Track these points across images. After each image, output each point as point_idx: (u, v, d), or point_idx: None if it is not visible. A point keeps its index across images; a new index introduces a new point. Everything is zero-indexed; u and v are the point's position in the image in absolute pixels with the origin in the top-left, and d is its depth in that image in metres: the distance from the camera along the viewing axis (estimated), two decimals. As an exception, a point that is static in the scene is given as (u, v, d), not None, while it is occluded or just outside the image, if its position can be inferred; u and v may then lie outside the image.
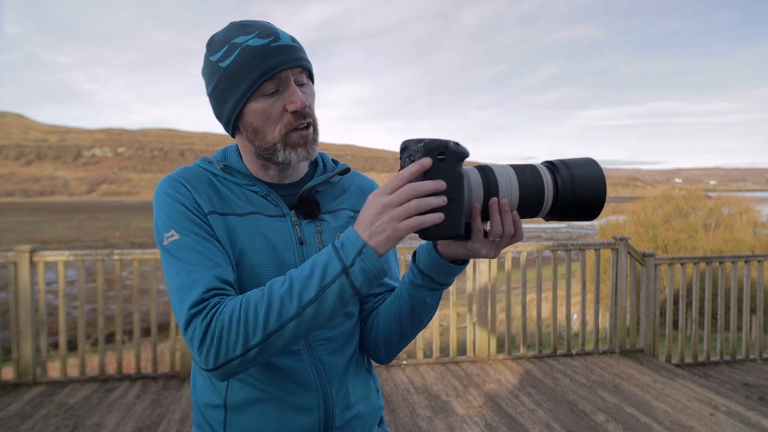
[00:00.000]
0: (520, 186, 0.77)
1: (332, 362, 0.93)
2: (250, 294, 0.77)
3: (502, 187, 0.76)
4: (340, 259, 0.73)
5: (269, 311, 0.73)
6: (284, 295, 0.74)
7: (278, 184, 0.96)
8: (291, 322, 0.74)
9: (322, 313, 0.74)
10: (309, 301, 0.73)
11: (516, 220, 0.78)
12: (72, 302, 7.42)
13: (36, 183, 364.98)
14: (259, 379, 0.89)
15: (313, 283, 0.73)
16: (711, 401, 3.39)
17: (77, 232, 63.42)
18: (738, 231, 16.67)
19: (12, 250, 3.73)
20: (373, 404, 1.01)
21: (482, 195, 0.76)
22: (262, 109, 0.86)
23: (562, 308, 4.70)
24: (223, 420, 0.91)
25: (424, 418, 3.20)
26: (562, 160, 0.79)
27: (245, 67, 0.84)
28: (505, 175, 0.77)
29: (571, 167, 0.78)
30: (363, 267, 0.72)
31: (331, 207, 0.98)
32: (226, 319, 0.75)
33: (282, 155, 0.88)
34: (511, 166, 0.79)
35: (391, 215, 0.71)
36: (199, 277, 0.79)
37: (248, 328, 0.74)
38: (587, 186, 0.77)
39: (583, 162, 0.79)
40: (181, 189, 0.88)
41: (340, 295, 0.73)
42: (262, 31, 0.87)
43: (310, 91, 0.91)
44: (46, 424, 3.10)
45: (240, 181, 0.93)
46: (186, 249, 0.82)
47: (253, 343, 0.74)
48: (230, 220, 0.90)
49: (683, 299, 4.48)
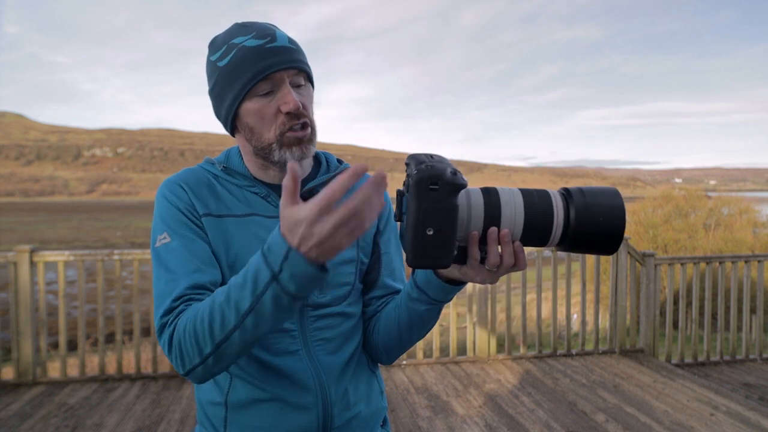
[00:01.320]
0: (526, 213, 0.72)
1: (330, 362, 0.93)
2: (201, 304, 0.77)
3: (505, 215, 0.72)
4: (268, 264, 0.68)
5: (212, 323, 0.73)
6: (224, 305, 0.72)
7: (280, 185, 0.96)
8: (235, 331, 0.72)
9: (264, 321, 0.71)
10: (246, 311, 0.71)
11: (518, 250, 0.74)
12: (72, 302, 7.42)
13: (36, 183, 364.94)
14: (259, 378, 0.90)
15: (246, 293, 0.70)
16: (711, 401, 3.39)
17: (77, 232, 63.43)
18: (738, 231, 16.68)
19: (12, 250, 3.73)
20: (376, 405, 1.01)
21: (482, 222, 0.73)
22: (256, 109, 0.87)
23: (562, 308, 4.70)
24: (224, 418, 0.92)
25: (424, 418, 3.19)
26: (581, 188, 0.73)
27: (241, 67, 0.86)
28: (510, 203, 0.72)
29: (587, 195, 0.72)
30: (292, 273, 0.66)
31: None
32: (182, 331, 0.77)
33: (278, 155, 0.89)
34: (520, 190, 0.74)
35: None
36: (174, 287, 0.81)
37: (198, 339, 0.75)
38: (603, 217, 0.71)
39: (603, 191, 0.72)
40: (178, 191, 0.90)
41: (276, 303, 0.69)
42: (259, 32, 0.87)
43: (307, 93, 0.91)
44: (46, 424, 3.10)
45: (240, 183, 0.94)
46: (173, 252, 0.85)
47: (207, 352, 0.75)
48: (227, 221, 0.90)
49: (683, 299, 4.48)
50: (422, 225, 0.69)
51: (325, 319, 0.94)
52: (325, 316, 0.94)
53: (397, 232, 1.09)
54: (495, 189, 0.74)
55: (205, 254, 0.87)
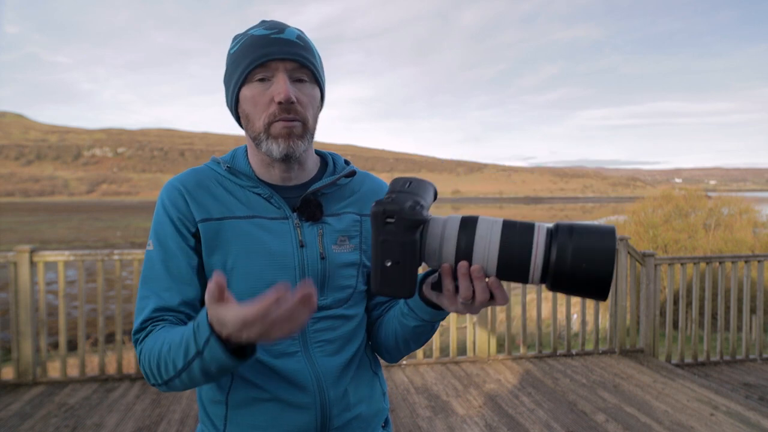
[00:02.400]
0: (501, 248, 0.68)
1: (329, 363, 0.93)
2: (156, 340, 0.83)
3: (478, 250, 0.69)
4: (195, 339, 0.74)
5: (159, 366, 0.81)
6: (167, 356, 0.79)
7: (283, 186, 0.96)
8: (177, 377, 0.79)
9: (198, 380, 0.78)
10: (180, 370, 0.78)
11: (494, 286, 0.71)
12: (72, 302, 7.42)
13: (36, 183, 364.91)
14: (259, 378, 0.91)
15: (180, 355, 0.77)
16: (711, 401, 3.39)
17: (77, 232, 63.44)
18: (738, 231, 16.68)
19: (12, 250, 3.73)
20: (377, 406, 1.01)
21: (454, 255, 0.70)
22: (251, 96, 0.88)
23: (562, 308, 4.70)
24: (224, 416, 0.93)
25: (424, 418, 3.20)
26: (572, 225, 0.67)
27: (243, 53, 0.88)
28: (485, 237, 0.69)
29: (575, 233, 0.66)
30: (212, 356, 0.72)
31: (335, 210, 0.97)
32: (144, 359, 0.85)
33: (265, 145, 0.89)
34: (504, 222, 0.70)
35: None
36: (144, 305, 0.89)
37: (152, 371, 0.83)
38: (586, 263, 0.64)
39: (594, 231, 0.66)
40: (176, 199, 0.91)
41: (204, 371, 0.75)
42: (271, 25, 0.90)
43: (307, 92, 0.90)
44: (46, 424, 3.10)
45: (244, 183, 0.94)
46: (153, 263, 0.90)
47: (160, 381, 0.82)
48: (227, 224, 0.91)
49: (683, 299, 4.48)
50: (381, 256, 0.71)
51: (326, 321, 0.94)
52: (325, 318, 0.94)
53: None
54: (475, 220, 0.71)
55: (181, 272, 0.89)
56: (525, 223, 0.69)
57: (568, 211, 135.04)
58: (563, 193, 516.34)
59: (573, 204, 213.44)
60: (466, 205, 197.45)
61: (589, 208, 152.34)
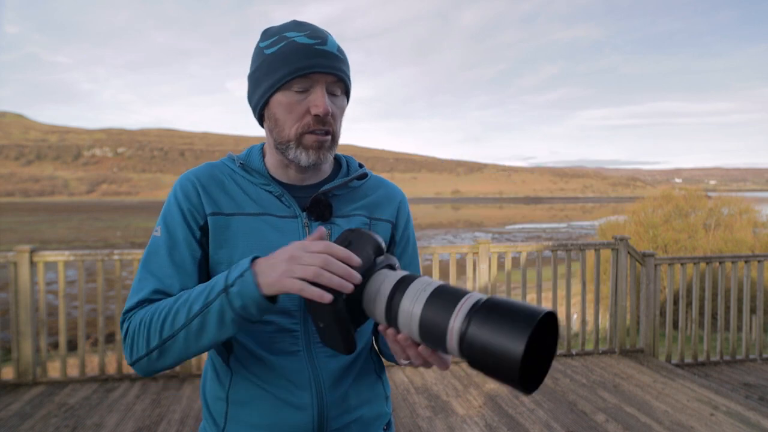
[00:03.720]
0: (421, 320, 0.65)
1: (330, 365, 0.94)
2: (163, 301, 0.83)
3: (403, 314, 0.67)
4: (226, 277, 0.76)
5: (166, 319, 0.80)
6: (181, 306, 0.79)
7: (296, 186, 0.97)
8: (181, 331, 0.79)
9: (207, 329, 0.77)
10: (195, 314, 0.77)
11: (425, 354, 0.70)
12: (72, 302, 7.42)
13: (36, 183, 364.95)
14: (259, 376, 0.92)
15: (201, 297, 0.77)
16: (711, 401, 3.39)
17: (77, 232, 63.43)
18: (738, 231, 16.68)
19: (12, 250, 3.73)
20: (379, 410, 1.01)
21: (384, 315, 0.70)
22: (287, 103, 0.88)
23: (562, 308, 4.70)
24: (225, 413, 0.94)
25: (424, 418, 3.20)
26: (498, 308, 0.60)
27: (285, 59, 0.87)
28: (408, 306, 0.67)
29: (486, 321, 0.60)
30: (240, 290, 0.74)
31: (345, 211, 0.97)
32: (137, 323, 0.83)
33: (293, 153, 0.90)
34: (437, 288, 0.66)
35: (293, 262, 0.72)
36: (142, 287, 0.88)
37: (149, 332, 0.81)
38: (492, 359, 0.59)
39: (515, 316, 0.58)
40: (189, 191, 0.92)
41: (221, 314, 0.76)
42: (313, 32, 0.89)
43: (339, 104, 0.91)
44: (46, 424, 3.10)
45: (256, 180, 0.95)
46: (159, 248, 0.90)
47: (153, 346, 0.81)
48: (236, 220, 0.92)
49: (683, 299, 4.48)
50: (314, 318, 0.73)
51: None
52: None
53: (415, 244, 1.09)
54: (410, 281, 0.69)
55: (184, 262, 0.90)
56: (456, 291, 0.65)
57: (568, 211, 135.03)
58: (563, 193, 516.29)
59: (573, 204, 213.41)
60: (466, 205, 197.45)
61: (589, 208, 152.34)
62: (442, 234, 59.26)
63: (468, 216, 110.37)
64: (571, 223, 78.41)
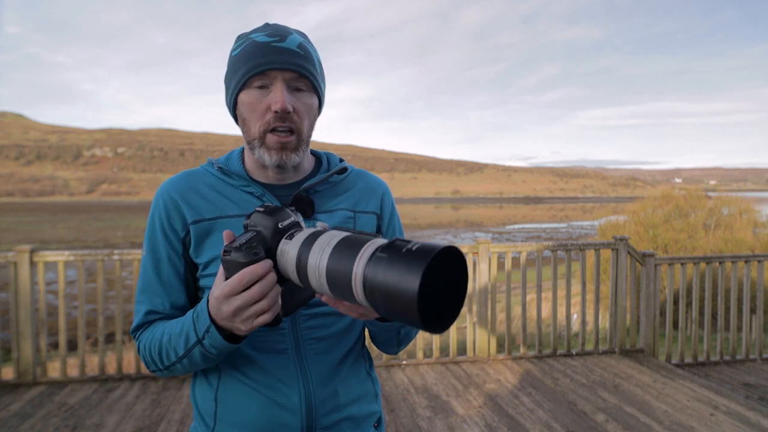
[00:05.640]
0: (328, 271, 0.64)
1: (319, 362, 0.94)
2: (156, 332, 0.91)
3: (311, 272, 0.67)
4: (195, 328, 0.82)
5: (160, 353, 0.89)
6: (167, 345, 0.87)
7: (276, 185, 0.97)
8: (177, 363, 0.88)
9: (197, 364, 0.87)
10: (181, 356, 0.86)
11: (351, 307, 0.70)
12: (72, 302, 7.42)
13: (36, 183, 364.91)
14: (247, 375, 0.92)
15: (181, 343, 0.85)
16: (711, 401, 3.39)
17: (77, 232, 63.42)
18: (738, 231, 16.68)
19: (12, 250, 3.73)
20: (369, 408, 1.01)
21: (296, 273, 0.70)
22: (248, 102, 0.89)
23: (562, 308, 4.70)
24: (213, 413, 0.94)
25: (424, 418, 3.20)
26: (397, 248, 0.57)
27: (243, 58, 0.89)
28: (314, 261, 0.66)
29: (385, 261, 0.57)
30: (211, 342, 0.80)
31: (328, 206, 0.98)
32: (143, 347, 0.93)
33: (257, 152, 0.91)
34: (341, 240, 0.65)
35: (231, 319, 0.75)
36: (139, 309, 0.96)
37: (153, 359, 0.91)
38: (389, 293, 0.56)
39: (408, 259, 0.55)
40: (168, 203, 0.95)
41: (203, 356, 0.84)
42: (274, 31, 0.90)
43: (305, 100, 0.91)
44: (46, 424, 3.10)
45: (236, 183, 0.95)
46: (145, 269, 0.96)
47: (161, 368, 0.91)
48: (219, 223, 0.93)
49: (683, 299, 4.48)
50: None
51: (318, 318, 0.94)
52: (318, 315, 0.94)
53: (401, 232, 1.09)
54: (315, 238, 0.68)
55: (169, 279, 0.95)
56: (360, 239, 0.64)
57: (568, 211, 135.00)
58: (563, 193, 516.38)
59: (573, 204, 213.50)
60: (466, 205, 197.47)
61: (589, 208, 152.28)
62: (442, 234, 59.27)
63: (468, 216, 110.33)
64: (571, 223, 78.40)
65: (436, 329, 0.58)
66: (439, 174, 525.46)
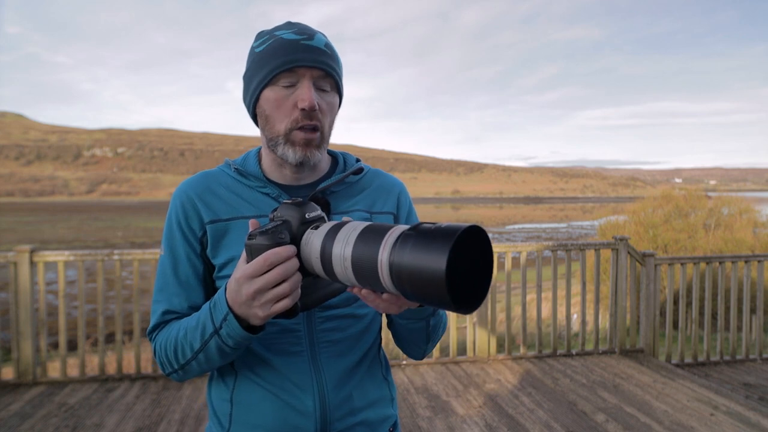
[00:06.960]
0: (353, 261, 0.64)
1: (334, 365, 0.93)
2: (172, 330, 0.90)
3: (336, 263, 0.66)
4: (212, 318, 0.81)
5: (176, 351, 0.88)
6: (183, 341, 0.86)
7: (293, 186, 0.96)
8: (192, 360, 0.87)
9: (212, 359, 0.85)
10: (197, 350, 0.85)
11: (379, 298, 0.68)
12: (72, 302, 7.42)
13: (36, 183, 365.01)
14: (262, 377, 0.91)
15: (197, 336, 0.84)
16: (711, 401, 3.39)
17: (77, 232, 63.41)
18: (738, 231, 16.67)
19: (12, 250, 3.73)
20: (385, 412, 1.00)
21: (321, 266, 0.70)
22: (275, 98, 0.88)
23: (562, 308, 4.70)
24: (229, 414, 0.94)
25: (424, 418, 3.19)
26: (421, 232, 0.57)
27: (271, 54, 0.88)
28: (339, 251, 0.66)
29: (410, 245, 0.57)
30: (228, 332, 0.79)
31: (344, 207, 0.97)
32: (159, 347, 0.92)
33: (281, 149, 0.90)
34: (364, 228, 0.65)
35: (248, 305, 0.75)
36: (156, 309, 0.96)
37: (168, 358, 0.90)
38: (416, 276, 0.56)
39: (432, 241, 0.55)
40: (186, 203, 0.95)
41: (219, 349, 0.82)
42: (301, 29, 0.89)
43: (329, 100, 0.91)
44: (46, 424, 3.10)
45: (252, 184, 0.95)
46: (163, 268, 0.95)
47: (176, 367, 0.90)
48: (235, 224, 0.92)
49: (683, 299, 4.48)
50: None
51: (334, 321, 0.93)
52: (333, 317, 0.93)
53: None
54: (339, 228, 0.68)
55: (188, 279, 0.94)
56: (384, 227, 0.63)
57: (568, 210, 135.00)
58: (563, 193, 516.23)
59: (573, 204, 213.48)
60: (466, 205, 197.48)
61: (589, 208, 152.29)
62: (442, 234, 59.15)
63: (468, 216, 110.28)
64: (571, 223, 78.37)
65: (466, 309, 0.58)
66: (439, 174, 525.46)
